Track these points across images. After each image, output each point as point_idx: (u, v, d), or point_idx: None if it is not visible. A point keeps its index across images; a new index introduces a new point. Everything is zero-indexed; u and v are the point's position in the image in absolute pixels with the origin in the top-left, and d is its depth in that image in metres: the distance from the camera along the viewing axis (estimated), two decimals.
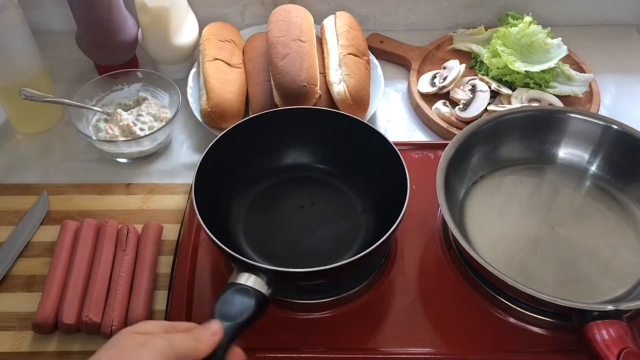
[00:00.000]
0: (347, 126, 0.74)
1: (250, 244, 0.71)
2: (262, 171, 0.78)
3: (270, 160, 0.78)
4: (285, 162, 0.79)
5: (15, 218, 0.79)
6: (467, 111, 0.91)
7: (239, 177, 0.76)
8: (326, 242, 0.72)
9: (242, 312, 0.55)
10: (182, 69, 1.01)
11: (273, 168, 0.78)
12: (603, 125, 0.77)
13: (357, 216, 0.74)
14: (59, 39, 1.08)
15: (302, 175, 0.78)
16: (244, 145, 0.74)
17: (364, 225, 0.73)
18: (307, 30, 0.91)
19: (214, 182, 0.70)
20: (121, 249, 0.74)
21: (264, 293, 0.57)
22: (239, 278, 0.58)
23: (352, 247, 0.70)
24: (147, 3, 0.91)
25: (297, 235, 0.73)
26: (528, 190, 0.78)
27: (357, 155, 0.75)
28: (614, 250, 0.71)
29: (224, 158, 0.72)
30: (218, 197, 0.72)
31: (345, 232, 0.72)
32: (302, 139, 0.78)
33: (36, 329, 0.68)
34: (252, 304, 0.56)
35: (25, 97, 0.84)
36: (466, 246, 0.63)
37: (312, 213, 0.75)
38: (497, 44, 0.95)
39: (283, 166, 0.79)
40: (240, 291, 0.56)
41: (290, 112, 0.76)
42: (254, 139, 0.75)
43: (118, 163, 0.89)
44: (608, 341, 0.56)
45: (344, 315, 0.67)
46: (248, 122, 0.74)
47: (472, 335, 0.65)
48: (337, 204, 0.75)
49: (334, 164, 0.78)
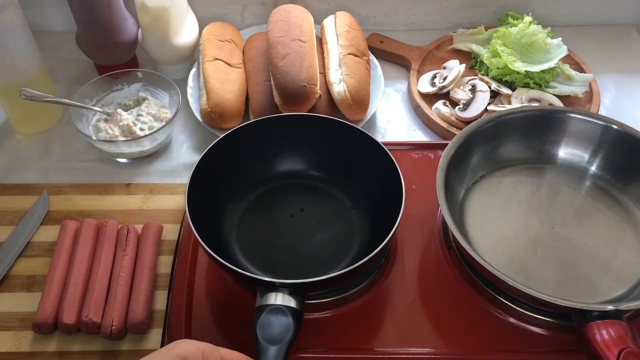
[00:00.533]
0: (341, 132, 0.73)
1: (246, 254, 0.70)
2: (255, 179, 0.77)
3: (264, 168, 0.77)
4: (279, 169, 0.78)
5: (15, 218, 0.79)
6: (467, 111, 0.91)
7: (232, 184, 0.75)
8: (324, 247, 0.71)
9: (285, 333, 0.54)
10: (182, 69, 1.01)
11: (266, 175, 0.77)
12: (603, 125, 0.77)
13: (353, 221, 0.74)
14: (59, 39, 1.08)
15: (297, 183, 0.77)
16: (237, 153, 0.73)
17: (359, 229, 0.73)
18: (307, 30, 0.91)
19: (206, 191, 0.69)
20: (121, 249, 0.74)
21: (297, 308, 0.57)
22: (267, 299, 0.57)
23: (350, 251, 0.70)
24: (147, 3, 0.91)
25: (294, 242, 0.72)
26: (528, 190, 0.78)
27: (352, 162, 0.74)
28: (614, 250, 0.71)
29: (217, 166, 0.71)
30: (211, 206, 0.71)
31: (342, 237, 0.72)
32: (297, 145, 0.77)
33: (36, 329, 0.68)
34: (291, 322, 0.55)
35: (25, 97, 0.84)
36: (466, 246, 0.63)
37: (308, 219, 0.74)
38: (497, 44, 0.95)
39: (277, 173, 0.78)
40: (274, 312, 0.56)
41: (283, 119, 0.75)
42: (247, 146, 0.74)
43: (118, 163, 0.89)
44: (608, 341, 0.56)
45: (344, 315, 0.67)
46: (242, 129, 0.73)
47: (472, 335, 0.65)
48: (332, 209, 0.75)
49: (329, 171, 0.77)
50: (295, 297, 0.57)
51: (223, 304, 0.68)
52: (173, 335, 0.65)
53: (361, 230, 0.72)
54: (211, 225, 0.69)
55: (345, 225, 0.73)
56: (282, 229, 0.73)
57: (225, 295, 0.69)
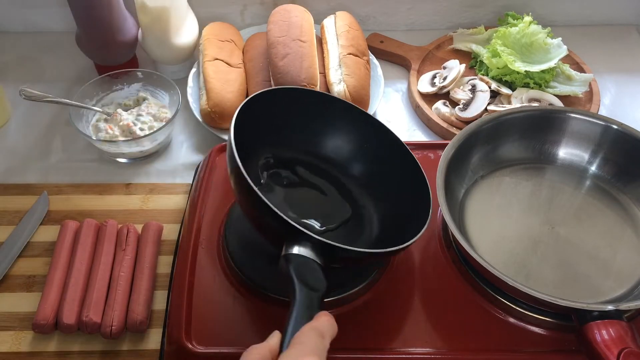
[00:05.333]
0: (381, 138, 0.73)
1: None
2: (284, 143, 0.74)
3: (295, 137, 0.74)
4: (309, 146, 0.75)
5: (15, 218, 0.79)
6: (467, 111, 0.91)
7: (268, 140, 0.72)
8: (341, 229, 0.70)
9: (320, 283, 0.53)
10: (182, 69, 1.01)
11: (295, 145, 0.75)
12: (603, 125, 0.77)
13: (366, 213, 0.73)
14: (59, 39, 1.08)
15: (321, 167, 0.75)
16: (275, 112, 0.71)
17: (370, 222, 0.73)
18: (307, 30, 0.91)
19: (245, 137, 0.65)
20: (121, 249, 0.74)
21: (325, 266, 0.55)
22: (298, 250, 0.55)
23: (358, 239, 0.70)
24: (147, 3, 0.91)
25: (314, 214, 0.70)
26: (528, 190, 0.78)
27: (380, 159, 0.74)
28: (614, 250, 0.71)
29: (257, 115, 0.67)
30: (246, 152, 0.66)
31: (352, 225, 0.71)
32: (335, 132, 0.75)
33: (36, 329, 0.68)
34: (322, 277, 0.54)
35: (25, 97, 0.84)
36: (466, 246, 0.63)
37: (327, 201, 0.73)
38: (497, 44, 0.95)
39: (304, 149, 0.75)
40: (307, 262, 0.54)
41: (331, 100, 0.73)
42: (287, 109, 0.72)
43: (118, 163, 0.89)
44: (608, 341, 0.56)
45: (344, 315, 0.66)
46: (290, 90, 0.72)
47: (472, 335, 0.65)
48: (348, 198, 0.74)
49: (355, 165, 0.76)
50: (323, 258, 0.56)
51: (223, 304, 0.68)
52: (173, 335, 0.65)
53: (370, 223, 0.72)
54: None
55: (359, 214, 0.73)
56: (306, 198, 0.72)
57: (225, 296, 0.69)
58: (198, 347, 0.63)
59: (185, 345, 0.63)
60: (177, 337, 0.64)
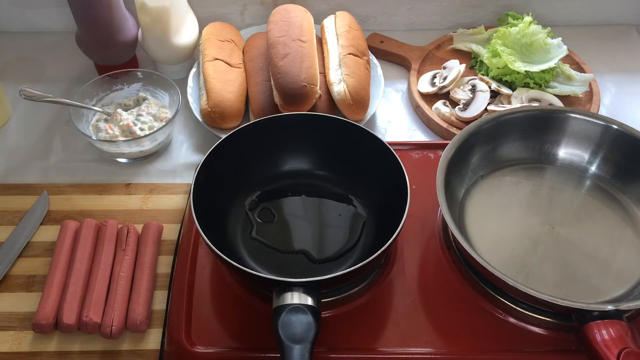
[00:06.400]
0: (344, 131, 0.73)
1: (253, 256, 0.70)
2: (258, 180, 0.76)
3: (267, 168, 0.77)
4: (282, 169, 0.78)
5: (15, 218, 0.79)
6: (467, 111, 0.91)
7: (236, 186, 0.75)
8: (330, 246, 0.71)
9: (308, 331, 0.54)
10: (182, 69, 1.01)
11: (270, 176, 0.77)
12: (603, 125, 0.77)
13: (357, 219, 0.74)
14: (59, 39, 1.08)
15: (300, 182, 0.77)
16: (239, 154, 0.73)
17: (363, 227, 0.73)
18: (307, 30, 0.91)
19: (210, 194, 0.69)
20: (121, 249, 0.74)
21: (315, 306, 0.57)
22: (284, 299, 0.57)
23: (355, 250, 0.70)
24: (147, 3, 0.91)
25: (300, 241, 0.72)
26: (528, 190, 0.78)
27: (355, 160, 0.74)
28: (614, 250, 0.71)
29: (219, 168, 0.70)
30: (215, 209, 0.70)
31: (346, 235, 0.72)
32: (300, 145, 0.77)
33: (36, 328, 0.68)
34: (311, 320, 0.55)
35: (25, 97, 0.84)
36: (466, 246, 0.63)
37: (312, 219, 0.74)
38: (497, 44, 0.95)
39: (280, 173, 0.77)
40: (294, 311, 0.56)
41: (285, 119, 0.75)
42: (249, 147, 0.74)
43: (118, 163, 0.89)
44: (608, 341, 0.56)
45: (344, 315, 0.67)
46: (244, 130, 0.73)
47: (472, 335, 0.65)
48: (336, 208, 0.75)
49: (332, 170, 0.77)
50: (311, 296, 0.57)
51: (223, 304, 0.68)
52: (173, 335, 0.65)
53: (366, 228, 0.72)
54: (217, 228, 0.69)
55: (350, 223, 0.73)
56: (287, 228, 0.73)
57: (225, 296, 0.69)
58: (198, 347, 0.63)
59: (185, 345, 0.63)
60: (177, 337, 0.64)
